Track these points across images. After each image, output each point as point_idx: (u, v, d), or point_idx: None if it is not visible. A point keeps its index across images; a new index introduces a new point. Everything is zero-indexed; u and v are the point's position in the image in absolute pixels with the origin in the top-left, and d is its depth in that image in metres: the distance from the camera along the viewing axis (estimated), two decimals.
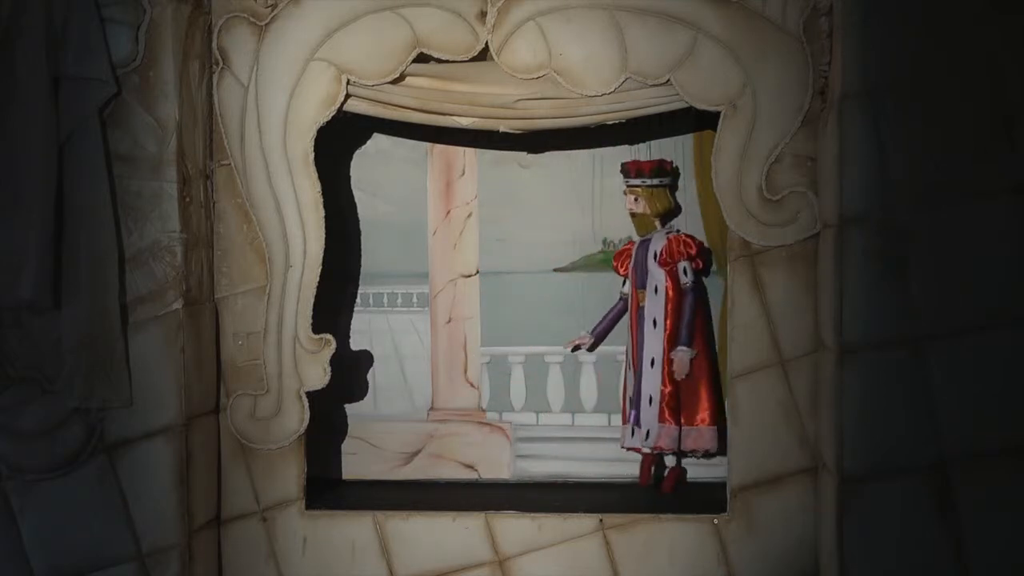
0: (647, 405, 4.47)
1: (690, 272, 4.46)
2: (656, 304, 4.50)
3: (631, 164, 4.53)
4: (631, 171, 4.51)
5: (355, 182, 4.78)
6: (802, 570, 4.00)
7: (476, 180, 4.78)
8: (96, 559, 3.84)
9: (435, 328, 4.84)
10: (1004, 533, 3.47)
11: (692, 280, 4.47)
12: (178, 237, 3.86)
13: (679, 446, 4.45)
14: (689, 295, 4.47)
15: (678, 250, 4.46)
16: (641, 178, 4.49)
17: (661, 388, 4.46)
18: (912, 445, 3.50)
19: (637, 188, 4.50)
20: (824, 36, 3.81)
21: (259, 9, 4.04)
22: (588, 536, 4.13)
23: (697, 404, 4.46)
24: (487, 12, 3.99)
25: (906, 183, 3.48)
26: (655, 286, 4.50)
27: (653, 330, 4.49)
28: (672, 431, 4.43)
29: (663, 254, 4.48)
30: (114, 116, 3.79)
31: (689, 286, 4.46)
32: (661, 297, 4.49)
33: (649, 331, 4.50)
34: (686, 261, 4.46)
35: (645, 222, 4.56)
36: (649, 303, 4.51)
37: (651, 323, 4.50)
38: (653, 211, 4.50)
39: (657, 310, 4.50)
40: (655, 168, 4.49)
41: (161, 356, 3.84)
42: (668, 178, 4.51)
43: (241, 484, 4.19)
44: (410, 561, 4.18)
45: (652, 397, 4.47)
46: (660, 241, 4.50)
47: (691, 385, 4.46)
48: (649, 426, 4.46)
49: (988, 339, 3.45)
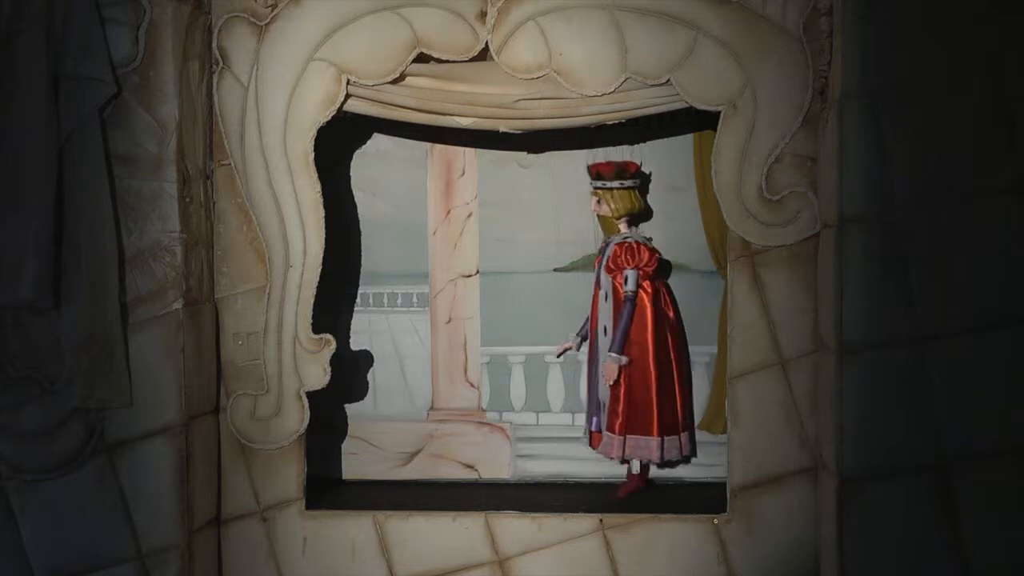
0: (601, 411, 4.49)
1: (632, 281, 4.42)
2: (605, 312, 4.51)
3: (594, 166, 4.52)
4: (593, 173, 4.50)
5: (355, 182, 4.78)
6: (802, 570, 4.00)
7: (476, 180, 4.79)
8: (96, 559, 3.84)
9: (435, 328, 4.84)
10: (1004, 533, 3.47)
11: (633, 289, 4.42)
12: (178, 237, 3.86)
13: (623, 453, 4.44)
14: (628, 304, 4.43)
15: (624, 258, 4.44)
16: (602, 180, 4.48)
17: (609, 395, 4.46)
18: (912, 445, 3.50)
19: (599, 190, 4.49)
20: (824, 36, 3.81)
21: (259, 9, 4.04)
22: (588, 536, 4.13)
23: (646, 414, 4.42)
24: (487, 12, 3.99)
25: (906, 183, 3.48)
26: (605, 293, 4.52)
27: (604, 337, 4.50)
28: (618, 439, 4.43)
29: (609, 261, 4.48)
30: (114, 116, 3.80)
31: (630, 295, 4.43)
32: (610, 304, 4.50)
33: (601, 338, 4.51)
34: (632, 270, 4.43)
35: (610, 224, 4.56)
36: (601, 310, 4.53)
37: (603, 330, 4.51)
38: (615, 213, 4.49)
39: (607, 318, 4.51)
40: (615, 170, 4.47)
41: (161, 356, 3.84)
42: (631, 180, 4.48)
43: (241, 484, 4.19)
44: (410, 561, 4.18)
45: (603, 403, 4.49)
46: (611, 247, 4.50)
47: (641, 394, 4.43)
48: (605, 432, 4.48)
49: (988, 339, 3.45)
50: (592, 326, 4.58)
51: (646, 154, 4.66)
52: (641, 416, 4.41)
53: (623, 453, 4.42)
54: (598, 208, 4.52)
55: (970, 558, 3.48)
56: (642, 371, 4.43)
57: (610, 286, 4.48)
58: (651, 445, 4.41)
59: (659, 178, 4.68)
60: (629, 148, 4.66)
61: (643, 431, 4.41)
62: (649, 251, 4.45)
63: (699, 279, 4.67)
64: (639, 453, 4.43)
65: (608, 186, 4.46)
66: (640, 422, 4.41)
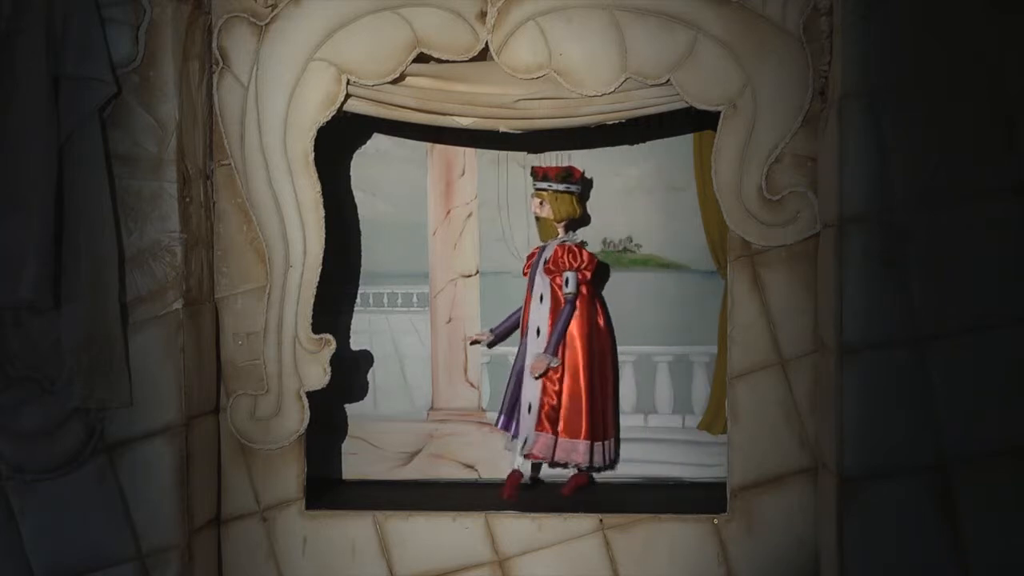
0: (526, 413, 4.48)
1: (572, 283, 4.44)
2: (540, 313, 4.51)
3: (540, 168, 4.53)
4: (539, 175, 4.51)
5: (355, 182, 4.78)
6: (802, 570, 4.00)
7: (476, 180, 4.79)
8: (96, 559, 3.84)
9: (435, 328, 4.84)
10: (1004, 533, 3.47)
11: (574, 291, 4.45)
12: (178, 237, 3.86)
13: (552, 456, 4.46)
14: (569, 306, 4.45)
15: (563, 259, 4.45)
16: (548, 182, 4.48)
17: (541, 397, 4.46)
18: (912, 445, 3.50)
19: (544, 192, 4.49)
20: (824, 36, 3.81)
21: (259, 9, 4.04)
22: (588, 536, 4.13)
23: (576, 417, 4.44)
24: (487, 12, 3.99)
25: (906, 183, 3.48)
26: (541, 294, 4.52)
27: (536, 339, 4.50)
28: (548, 440, 4.45)
29: (549, 263, 4.48)
30: (114, 116, 3.79)
31: (570, 297, 4.45)
32: (546, 306, 4.50)
33: (532, 339, 4.51)
34: (571, 272, 4.44)
35: (548, 227, 4.56)
36: (534, 312, 4.53)
37: (535, 332, 4.51)
38: (557, 216, 4.50)
39: (541, 319, 4.50)
40: (561, 173, 4.49)
41: (161, 356, 3.84)
42: (575, 185, 4.50)
43: (241, 484, 4.19)
44: (410, 561, 4.18)
45: (532, 405, 4.47)
46: (550, 249, 4.51)
47: (573, 398, 4.45)
48: (527, 434, 4.47)
49: (988, 339, 3.45)
50: (523, 328, 4.56)
51: (646, 154, 4.66)
52: (572, 419, 4.44)
53: (553, 455, 4.46)
54: (540, 210, 4.52)
55: (970, 558, 3.48)
56: (573, 374, 4.45)
57: (547, 287, 4.49)
58: (579, 448, 4.44)
59: (659, 178, 4.69)
60: (629, 148, 4.66)
61: (572, 434, 4.44)
62: (588, 254, 4.49)
63: (699, 279, 4.67)
64: (569, 456, 4.46)
65: (554, 188, 4.47)
66: (570, 425, 4.44)
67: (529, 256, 4.62)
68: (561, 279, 4.45)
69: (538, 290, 4.52)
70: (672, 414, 4.75)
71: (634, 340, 4.73)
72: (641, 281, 4.74)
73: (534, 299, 4.53)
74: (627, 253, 4.75)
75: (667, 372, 4.74)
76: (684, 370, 4.73)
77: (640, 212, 4.72)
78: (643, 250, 4.74)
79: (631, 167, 4.70)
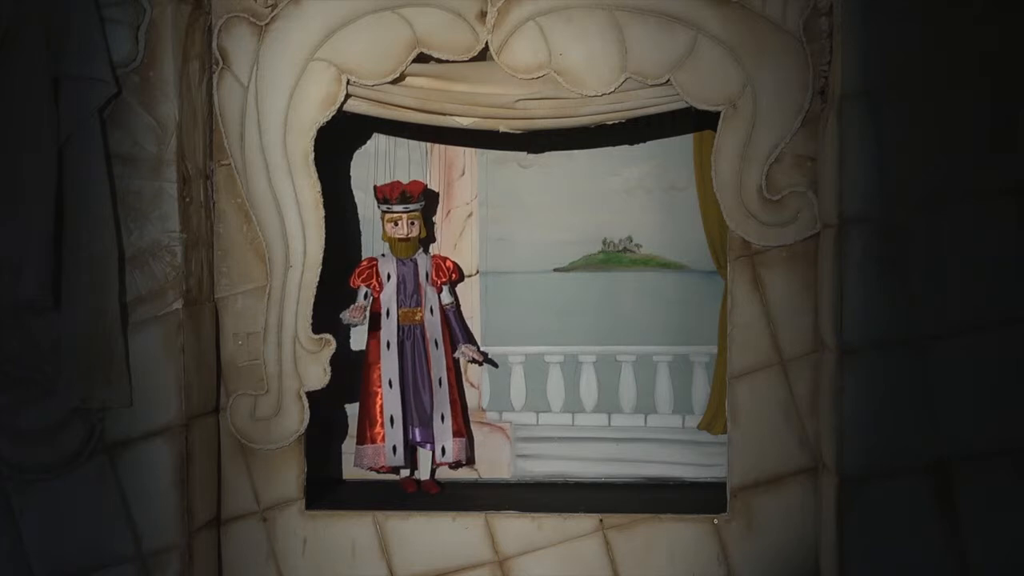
0: (439, 423, 4.55)
1: (450, 292, 4.64)
2: (434, 325, 4.60)
3: (393, 189, 4.53)
4: (393, 196, 4.52)
5: (355, 182, 4.78)
6: (802, 570, 4.00)
7: (476, 180, 4.79)
8: (96, 559, 3.84)
9: None
10: (1004, 533, 3.47)
11: (453, 298, 4.64)
12: (178, 237, 3.86)
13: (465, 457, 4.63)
14: (459, 313, 4.67)
15: (444, 268, 4.61)
16: (414, 203, 4.54)
17: (451, 404, 4.57)
18: (912, 445, 3.50)
19: (414, 212, 4.54)
20: (824, 36, 3.81)
21: (259, 9, 4.04)
22: (588, 536, 4.13)
23: (459, 418, 4.61)
24: (487, 12, 3.99)
25: (906, 183, 3.48)
26: (431, 307, 4.60)
27: (436, 350, 4.59)
28: (463, 442, 4.60)
29: (434, 275, 4.60)
30: (114, 116, 3.79)
31: (454, 308, 4.64)
32: (437, 318, 4.61)
33: (433, 352, 4.59)
34: (447, 283, 4.63)
35: (411, 245, 4.59)
36: (428, 325, 4.60)
37: (433, 344, 4.59)
38: (422, 232, 4.60)
39: (436, 331, 4.60)
40: (425, 191, 4.60)
41: (161, 356, 3.84)
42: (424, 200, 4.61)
43: (241, 484, 4.19)
44: (410, 561, 4.18)
45: (444, 415, 4.56)
46: (427, 262, 4.61)
47: (455, 401, 4.60)
48: (444, 442, 4.56)
49: (988, 339, 3.45)
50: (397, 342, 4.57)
51: (646, 154, 4.66)
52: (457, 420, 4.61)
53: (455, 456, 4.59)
54: (411, 230, 4.54)
55: (970, 558, 3.48)
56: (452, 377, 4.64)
57: (436, 299, 4.61)
58: (463, 445, 4.63)
59: (659, 178, 4.69)
60: (629, 148, 4.67)
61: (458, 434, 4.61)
62: (453, 263, 4.66)
63: (699, 279, 4.68)
64: (460, 455, 4.60)
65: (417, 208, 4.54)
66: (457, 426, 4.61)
67: (360, 269, 4.61)
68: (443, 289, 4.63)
69: (427, 304, 4.59)
70: (672, 414, 4.75)
71: (634, 340, 4.74)
72: (641, 281, 4.75)
73: (425, 313, 4.59)
74: (627, 253, 4.76)
75: (667, 372, 4.75)
76: (684, 370, 4.74)
77: (640, 212, 4.72)
78: (643, 250, 4.75)
79: (631, 167, 4.71)
